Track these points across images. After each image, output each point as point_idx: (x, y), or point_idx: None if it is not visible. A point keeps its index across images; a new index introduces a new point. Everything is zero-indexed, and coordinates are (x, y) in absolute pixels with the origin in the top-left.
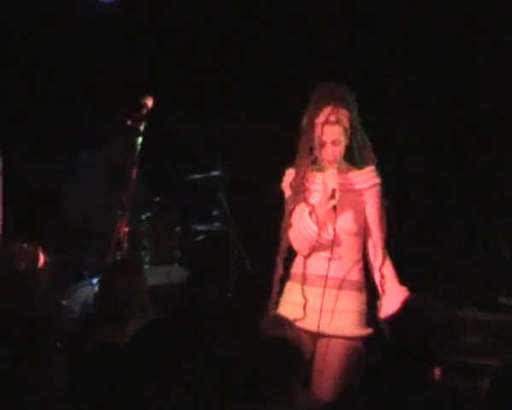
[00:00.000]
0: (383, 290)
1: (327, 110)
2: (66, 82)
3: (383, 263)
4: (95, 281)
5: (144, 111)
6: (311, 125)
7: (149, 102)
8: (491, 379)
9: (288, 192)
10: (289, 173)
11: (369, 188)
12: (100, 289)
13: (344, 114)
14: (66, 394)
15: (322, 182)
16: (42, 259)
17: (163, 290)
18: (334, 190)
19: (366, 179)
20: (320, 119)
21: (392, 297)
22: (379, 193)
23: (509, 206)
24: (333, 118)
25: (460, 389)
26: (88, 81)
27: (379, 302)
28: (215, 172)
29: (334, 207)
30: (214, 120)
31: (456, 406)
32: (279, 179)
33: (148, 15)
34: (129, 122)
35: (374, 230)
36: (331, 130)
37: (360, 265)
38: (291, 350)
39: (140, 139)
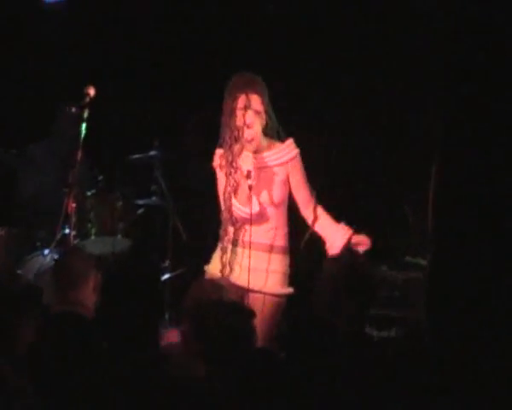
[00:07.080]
0: (326, 235)
1: (240, 98)
2: (19, 74)
3: (318, 217)
4: (46, 252)
5: (87, 99)
6: (228, 110)
7: (91, 92)
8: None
9: (218, 171)
10: (218, 153)
11: (291, 160)
12: (57, 268)
13: (256, 100)
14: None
15: (239, 165)
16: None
17: (108, 258)
18: (249, 172)
19: (286, 153)
20: (235, 105)
21: (339, 238)
22: (299, 161)
23: (415, 180)
24: (246, 104)
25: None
26: (38, 73)
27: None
28: (152, 153)
29: (250, 187)
30: (151, 106)
31: (369, 353)
32: (210, 159)
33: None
34: (73, 110)
35: (301, 193)
36: (245, 115)
37: (285, 231)
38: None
39: (84, 125)
